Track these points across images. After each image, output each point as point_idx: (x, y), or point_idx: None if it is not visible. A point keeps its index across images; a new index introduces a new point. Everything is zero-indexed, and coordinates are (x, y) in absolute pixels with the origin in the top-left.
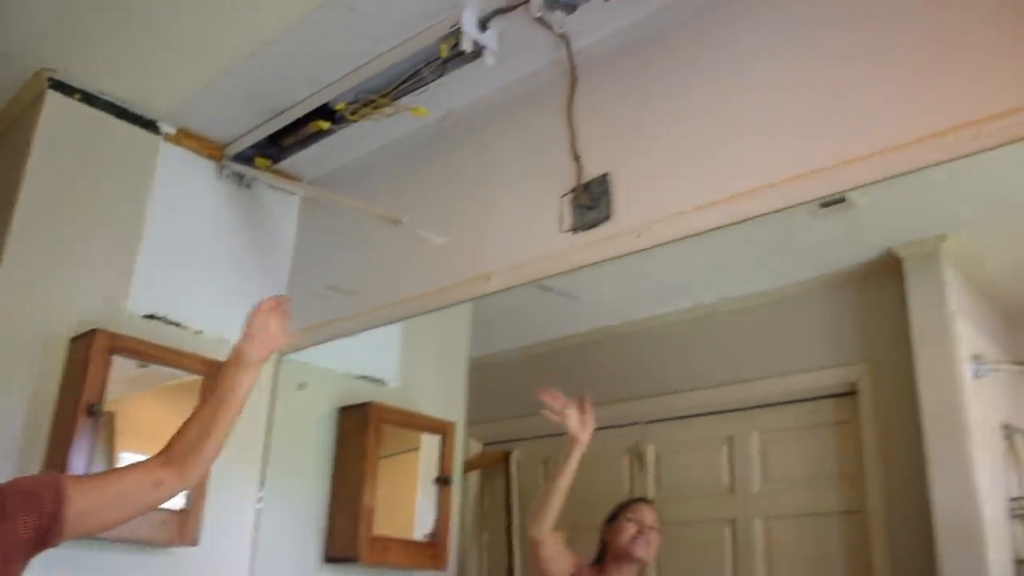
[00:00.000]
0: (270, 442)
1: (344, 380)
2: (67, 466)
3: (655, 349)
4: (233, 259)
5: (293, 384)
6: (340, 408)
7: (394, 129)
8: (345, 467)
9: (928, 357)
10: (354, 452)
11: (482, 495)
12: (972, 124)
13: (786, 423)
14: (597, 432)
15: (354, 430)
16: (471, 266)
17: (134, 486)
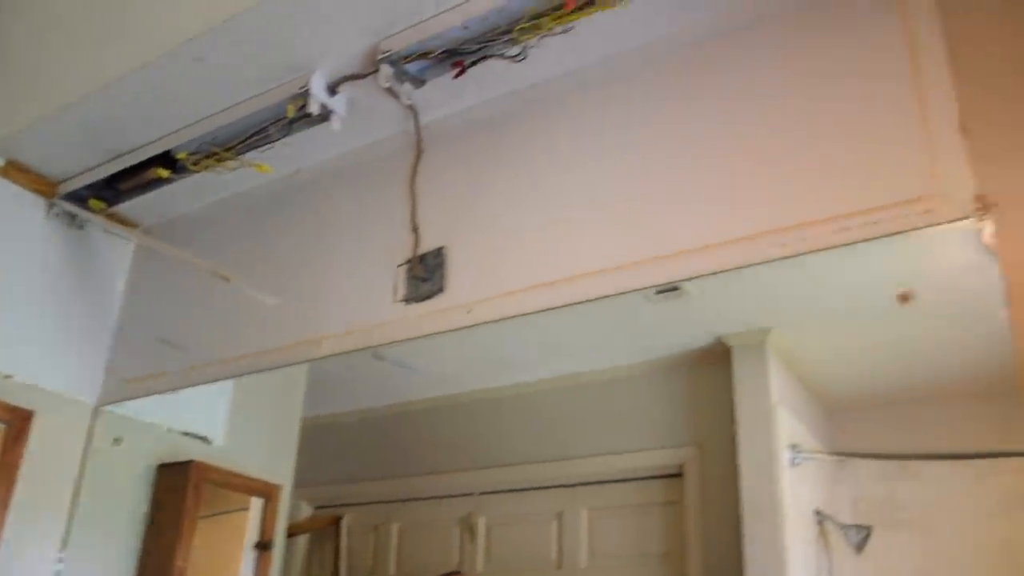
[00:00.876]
0: (78, 498)
1: (167, 436)
2: None
3: (490, 421)
4: (56, 302)
5: (110, 437)
6: (160, 465)
7: (236, 183)
8: (159, 527)
9: (750, 443)
10: (170, 512)
11: (310, 560)
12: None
13: (615, 501)
14: (430, 501)
15: (173, 489)
16: (303, 329)
17: None
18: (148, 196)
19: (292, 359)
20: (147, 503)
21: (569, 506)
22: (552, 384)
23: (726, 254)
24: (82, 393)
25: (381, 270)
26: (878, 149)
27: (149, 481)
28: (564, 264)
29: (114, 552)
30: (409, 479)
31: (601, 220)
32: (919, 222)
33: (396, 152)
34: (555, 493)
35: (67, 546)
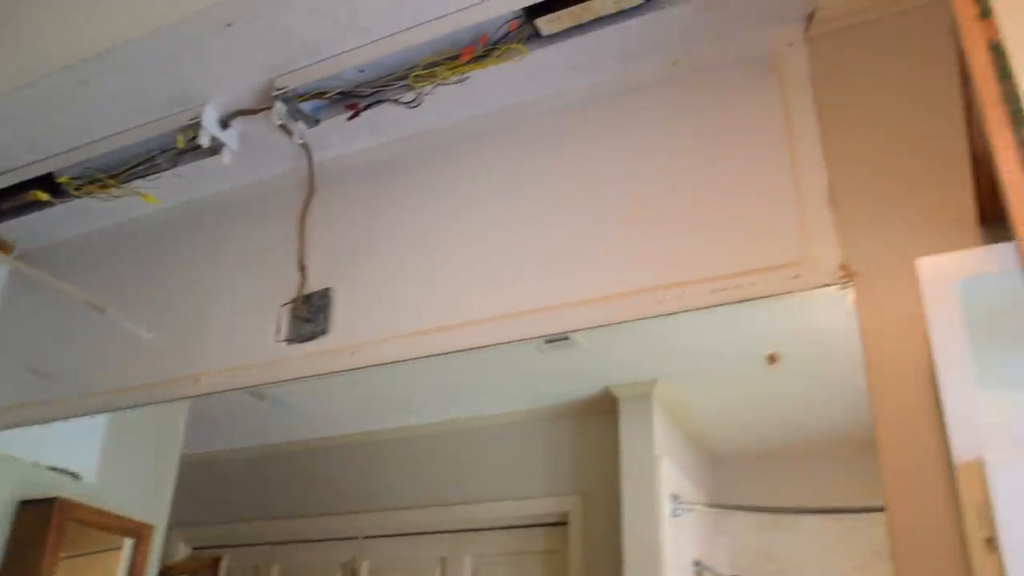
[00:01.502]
0: None
1: (32, 470)
2: None
3: (374, 464)
4: None
5: None
6: (21, 501)
7: (122, 211)
8: (18, 567)
9: (633, 493)
10: (31, 551)
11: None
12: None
13: (499, 548)
14: (313, 544)
15: (34, 527)
16: (181, 365)
17: None
18: (26, 218)
19: (169, 395)
20: (4, 541)
21: (453, 552)
22: (439, 428)
23: (609, 308)
24: None
25: (265, 308)
26: (754, 215)
27: (8, 518)
28: (451, 311)
29: None
30: (291, 521)
31: (489, 269)
32: (788, 287)
33: (288, 189)
34: (440, 539)
35: None
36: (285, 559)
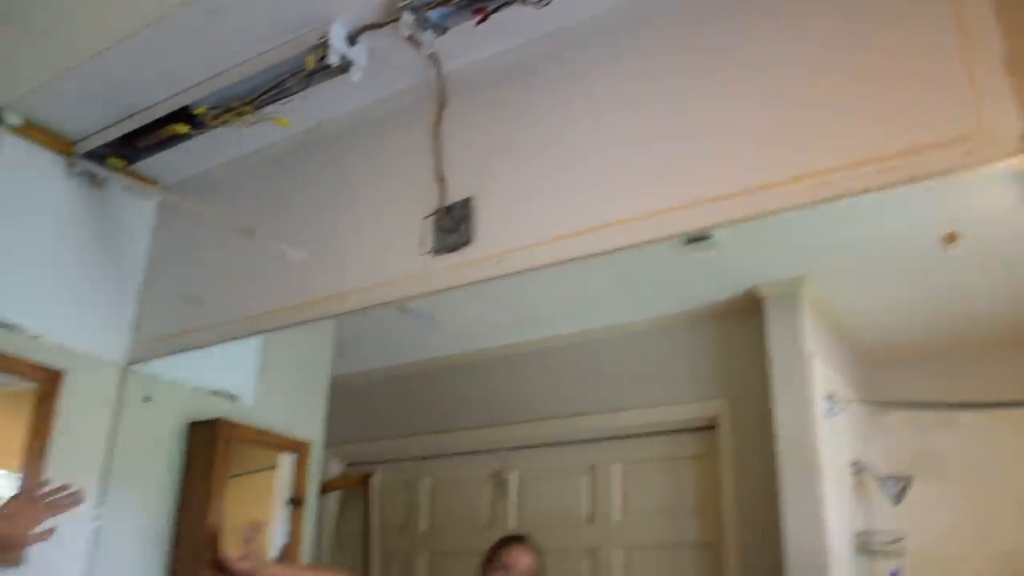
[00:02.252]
0: (112, 456)
1: (196, 394)
2: None
3: (520, 376)
4: (80, 261)
5: (139, 396)
6: (190, 423)
7: (256, 138)
8: (193, 485)
9: (784, 395)
10: (202, 470)
11: (342, 516)
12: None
13: (647, 454)
14: (461, 457)
15: (203, 447)
16: (328, 284)
17: None
18: (167, 153)
19: (318, 314)
20: (179, 461)
21: (601, 460)
22: (583, 337)
23: (761, 199)
24: (110, 353)
25: (407, 223)
26: (920, 87)
27: (180, 439)
28: (594, 213)
29: (149, 509)
30: (439, 435)
31: (631, 167)
32: (962, 163)
33: (419, 102)
34: (586, 448)
35: (103, 503)
36: (435, 472)
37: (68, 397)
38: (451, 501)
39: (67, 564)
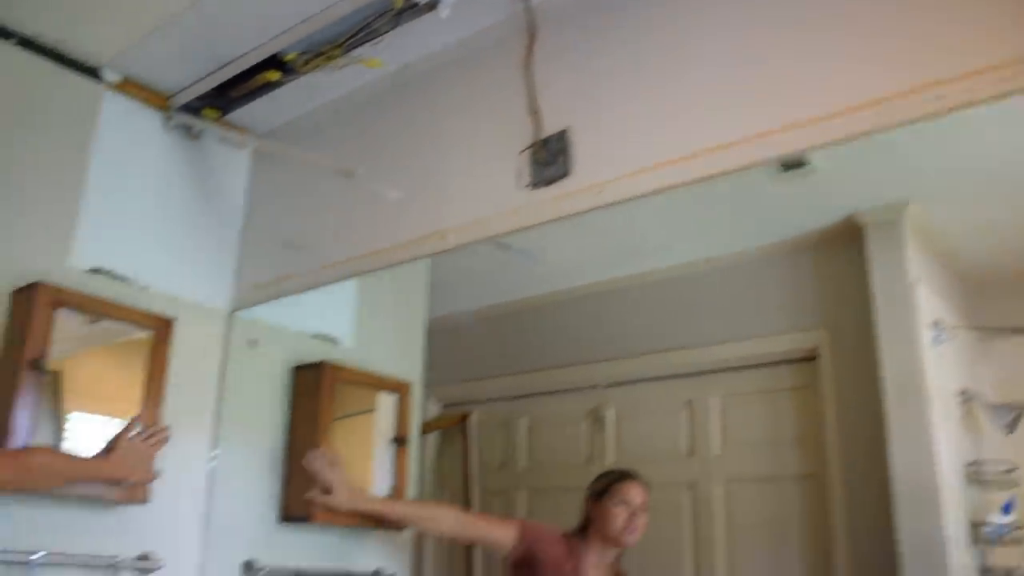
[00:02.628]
0: (223, 400)
1: (297, 338)
2: (11, 423)
3: (615, 312)
4: (182, 213)
5: (245, 341)
6: (294, 367)
7: (347, 82)
8: (300, 427)
9: (888, 323)
10: (308, 412)
11: (441, 457)
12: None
13: (746, 387)
14: (557, 395)
15: (308, 389)
16: (427, 223)
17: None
18: (260, 101)
19: (418, 253)
20: (287, 404)
21: (699, 394)
22: (679, 271)
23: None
24: (215, 300)
25: (503, 158)
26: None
27: (286, 382)
28: (692, 138)
29: (261, 451)
30: (536, 374)
31: (728, 89)
32: None
33: (508, 36)
34: (684, 382)
35: (218, 445)
36: (532, 411)
37: (179, 344)
38: (549, 439)
39: (187, 501)
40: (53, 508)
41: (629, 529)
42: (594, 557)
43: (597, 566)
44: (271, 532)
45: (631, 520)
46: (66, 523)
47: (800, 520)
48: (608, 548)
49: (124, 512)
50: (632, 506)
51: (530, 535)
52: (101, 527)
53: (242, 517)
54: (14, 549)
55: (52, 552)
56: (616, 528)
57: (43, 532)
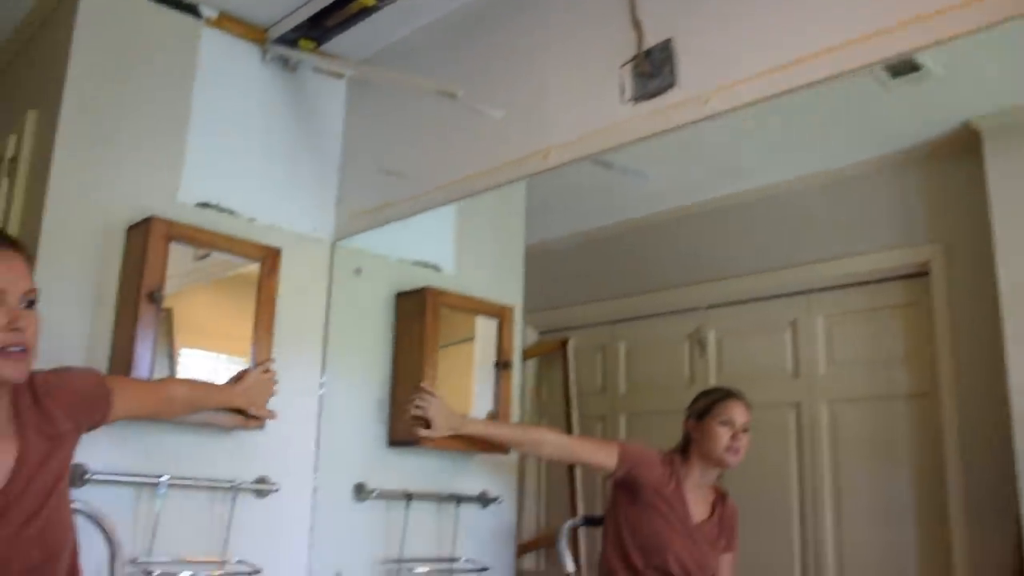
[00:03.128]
0: (329, 329)
1: (399, 266)
2: (134, 355)
3: (716, 232)
4: (282, 145)
5: (349, 270)
6: (397, 294)
7: (444, 3)
8: (405, 352)
9: (1007, 236)
10: (413, 337)
11: (540, 384)
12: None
13: (853, 305)
14: (656, 319)
15: (412, 315)
16: (529, 142)
17: (153, 400)
18: (356, 28)
19: (520, 174)
20: (391, 330)
21: (803, 313)
22: (783, 188)
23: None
24: (317, 231)
25: (605, 72)
26: None
27: (390, 309)
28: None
29: (368, 377)
30: (633, 298)
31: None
32: None
33: None
34: (788, 301)
35: (326, 372)
36: (630, 336)
37: (285, 274)
38: (648, 363)
39: (300, 427)
40: (177, 434)
41: (731, 449)
42: (695, 478)
43: (698, 487)
44: (380, 456)
45: (733, 440)
46: (189, 448)
47: (909, 440)
48: (709, 469)
49: (242, 438)
50: (735, 426)
51: (631, 457)
52: (221, 452)
53: (352, 441)
54: (143, 473)
55: (176, 476)
56: (718, 448)
57: (168, 457)
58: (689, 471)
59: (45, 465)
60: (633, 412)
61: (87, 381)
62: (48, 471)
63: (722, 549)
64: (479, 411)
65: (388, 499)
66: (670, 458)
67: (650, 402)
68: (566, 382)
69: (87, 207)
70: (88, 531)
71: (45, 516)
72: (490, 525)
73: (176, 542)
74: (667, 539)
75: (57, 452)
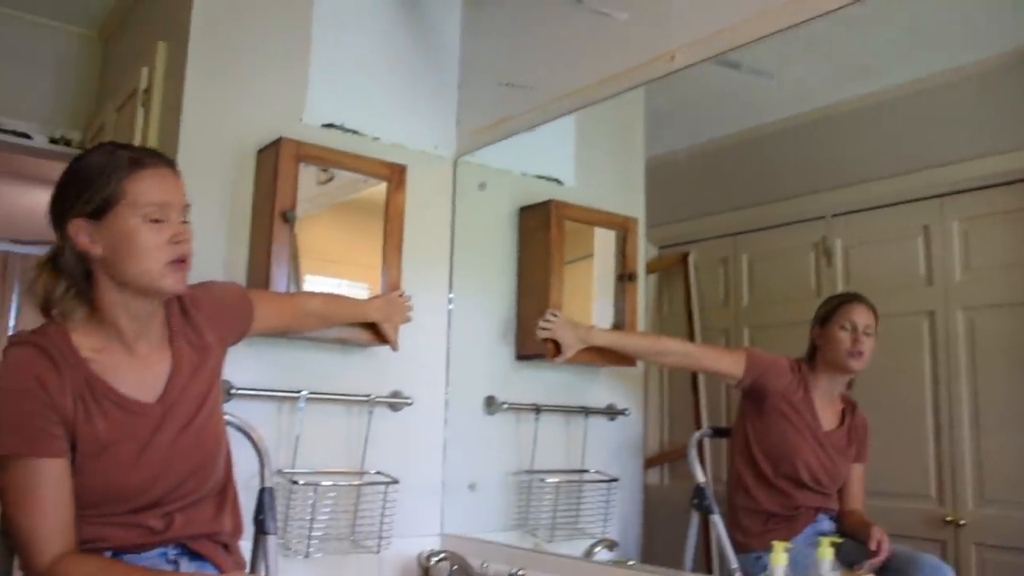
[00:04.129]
0: (455, 245)
1: (522, 180)
2: (270, 273)
3: (842, 136)
4: (402, 63)
5: (473, 185)
6: (520, 208)
7: None
8: (530, 266)
9: None
10: (537, 251)
11: (660, 299)
12: None
13: (990, 207)
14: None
15: (536, 229)
16: (654, 44)
17: (290, 313)
18: None
19: (644, 78)
20: (514, 246)
21: (936, 218)
22: (915, 87)
23: None
24: (439, 147)
25: None
26: None
27: (514, 224)
28: None
29: (494, 292)
30: (755, 209)
31: None
32: None
33: None
34: (919, 206)
35: (453, 288)
36: (752, 247)
37: (411, 191)
38: (772, 274)
39: (430, 342)
40: (314, 351)
41: (854, 353)
42: (823, 386)
43: (827, 395)
44: (508, 369)
45: (855, 344)
46: (326, 365)
47: None
48: (836, 376)
49: (375, 354)
50: (856, 329)
51: (759, 364)
52: (356, 368)
53: (480, 356)
54: (283, 388)
55: (314, 391)
56: (841, 353)
57: (307, 373)
58: (817, 379)
59: (196, 374)
60: (757, 325)
61: (232, 293)
62: (200, 380)
63: (852, 459)
64: (604, 325)
65: (517, 412)
66: (798, 365)
67: (775, 315)
68: (688, 297)
69: (219, 132)
70: (237, 443)
71: (200, 423)
72: (617, 438)
73: (316, 455)
74: (796, 446)
75: (206, 362)
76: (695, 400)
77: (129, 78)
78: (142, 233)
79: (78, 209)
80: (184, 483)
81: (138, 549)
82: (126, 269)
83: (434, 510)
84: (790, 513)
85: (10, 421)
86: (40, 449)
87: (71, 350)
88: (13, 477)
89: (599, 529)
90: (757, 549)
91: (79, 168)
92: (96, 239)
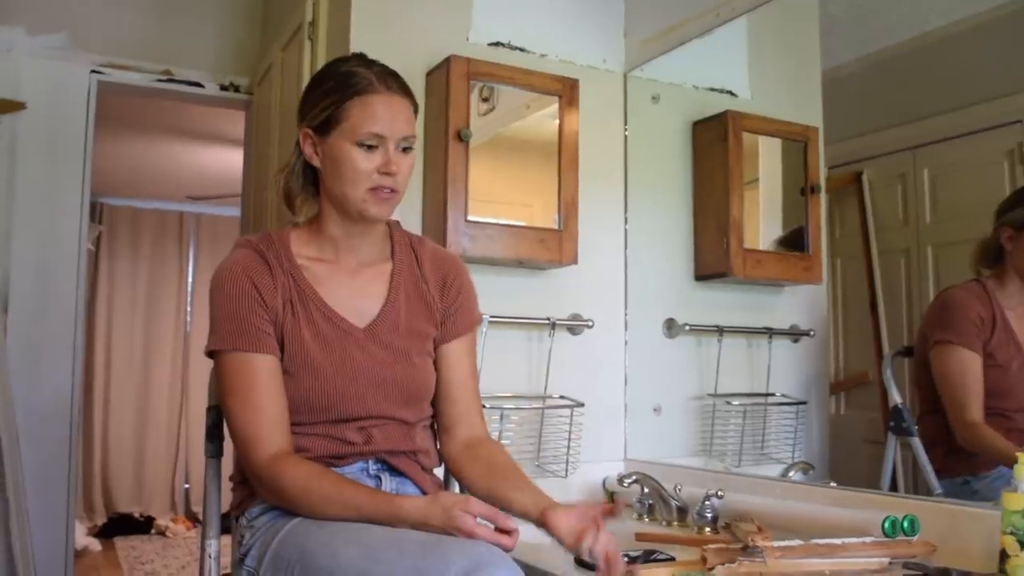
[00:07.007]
0: (629, 162)
1: (693, 94)
2: (445, 191)
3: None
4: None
5: (645, 99)
6: (693, 123)
7: None
8: (706, 182)
9: None
10: (715, 165)
11: (832, 223)
12: None
13: None
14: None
15: (712, 142)
16: None
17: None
18: None
19: None
20: (688, 162)
21: None
22: None
23: None
24: (608, 62)
25: None
26: None
27: (686, 140)
28: None
29: (669, 210)
30: (935, 119)
31: None
32: None
33: None
34: None
35: (628, 207)
36: (934, 161)
37: (582, 108)
38: (958, 188)
39: (608, 264)
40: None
41: None
42: (1017, 298)
43: (1022, 306)
44: (688, 290)
45: None
46: (504, 287)
47: None
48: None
49: (555, 276)
50: None
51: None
52: (535, 290)
53: (658, 277)
54: None
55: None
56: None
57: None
58: (1009, 293)
59: (412, 305)
60: (941, 243)
61: (469, 300)
62: (414, 314)
63: None
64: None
65: (698, 334)
66: (982, 289)
67: (962, 231)
68: (863, 217)
69: (387, 57)
70: None
71: (407, 362)
72: (801, 360)
73: (500, 378)
74: (1006, 387)
75: (422, 310)
76: (874, 321)
77: (294, 14)
78: (352, 158)
79: (308, 121)
80: (384, 409)
81: (339, 461)
82: (334, 188)
83: (617, 435)
84: None
85: (225, 317)
86: (252, 344)
87: (288, 255)
88: (228, 370)
89: (787, 454)
90: (963, 473)
91: (320, 79)
92: (318, 152)
